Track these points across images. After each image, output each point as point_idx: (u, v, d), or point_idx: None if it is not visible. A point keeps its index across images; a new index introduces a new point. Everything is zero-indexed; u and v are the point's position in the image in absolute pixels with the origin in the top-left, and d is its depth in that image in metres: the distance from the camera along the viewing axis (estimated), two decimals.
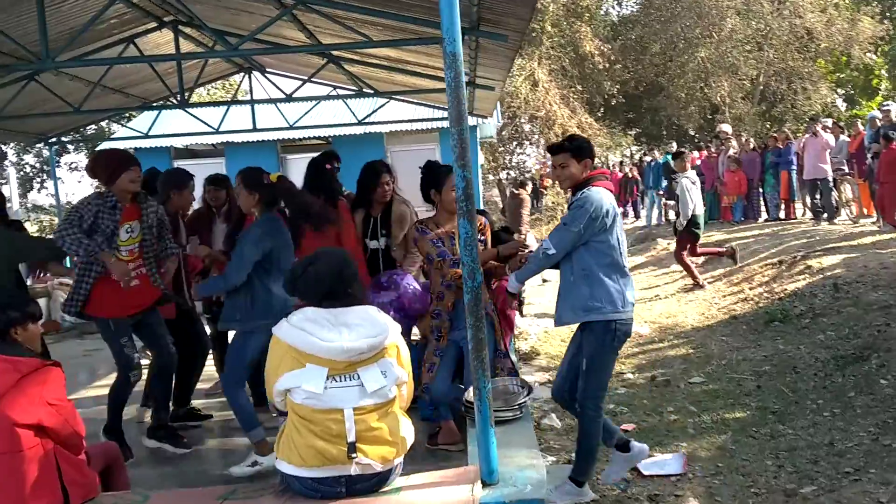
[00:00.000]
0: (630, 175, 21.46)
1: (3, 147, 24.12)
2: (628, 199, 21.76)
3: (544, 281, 14.17)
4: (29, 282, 9.16)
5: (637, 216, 21.11)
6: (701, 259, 11.45)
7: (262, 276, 4.20)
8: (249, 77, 10.87)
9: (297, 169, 12.34)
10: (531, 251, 4.58)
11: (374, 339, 2.84)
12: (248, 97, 11.34)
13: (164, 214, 4.99)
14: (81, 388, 7.05)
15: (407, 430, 3.00)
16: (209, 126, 11.44)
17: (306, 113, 11.88)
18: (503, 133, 29.24)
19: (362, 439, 2.81)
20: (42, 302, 9.82)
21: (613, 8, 31.18)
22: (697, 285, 10.90)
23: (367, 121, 11.87)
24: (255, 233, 4.21)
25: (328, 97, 10.87)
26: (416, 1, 5.30)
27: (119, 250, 4.54)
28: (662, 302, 10.72)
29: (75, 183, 32.39)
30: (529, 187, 13.51)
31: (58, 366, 3.05)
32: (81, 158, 25.85)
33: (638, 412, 6.18)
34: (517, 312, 6.54)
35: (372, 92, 9.90)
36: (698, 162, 18.07)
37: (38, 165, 23.61)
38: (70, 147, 24.14)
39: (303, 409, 2.81)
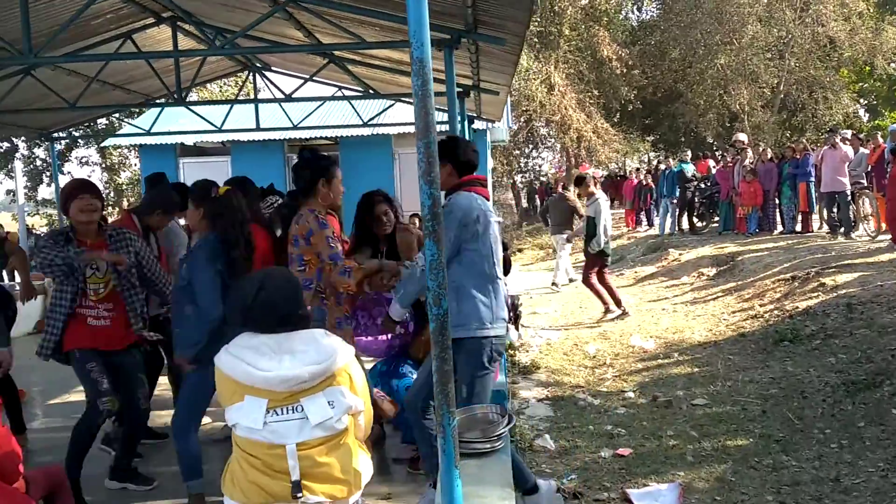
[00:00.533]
0: (644, 182, 21.10)
1: (15, 141, 24.16)
2: (642, 207, 21.41)
3: (571, 281, 13.88)
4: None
5: (650, 224, 20.75)
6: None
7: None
8: (254, 76, 10.68)
9: None
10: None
11: (318, 365, 2.58)
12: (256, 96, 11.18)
13: (145, 249, 4.65)
14: (64, 393, 6.89)
15: (363, 465, 2.75)
16: (213, 124, 11.27)
17: (311, 113, 11.68)
18: (518, 136, 29.00)
19: (308, 476, 2.56)
20: (39, 300, 9.66)
21: (633, 12, 30.88)
22: (608, 311, 10.39)
23: (373, 122, 11.64)
24: (201, 258, 3.93)
25: (332, 98, 10.65)
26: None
27: (88, 289, 4.32)
28: (670, 316, 10.41)
29: (85, 177, 32.44)
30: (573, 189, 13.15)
31: None
32: (92, 153, 25.89)
33: (636, 435, 5.90)
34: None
35: (375, 94, 9.67)
36: (714, 170, 17.74)
37: (48, 160, 23.62)
38: (80, 142, 24.12)
39: (244, 442, 2.58)
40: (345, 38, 6.37)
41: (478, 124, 12.71)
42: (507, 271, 5.58)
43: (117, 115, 17.44)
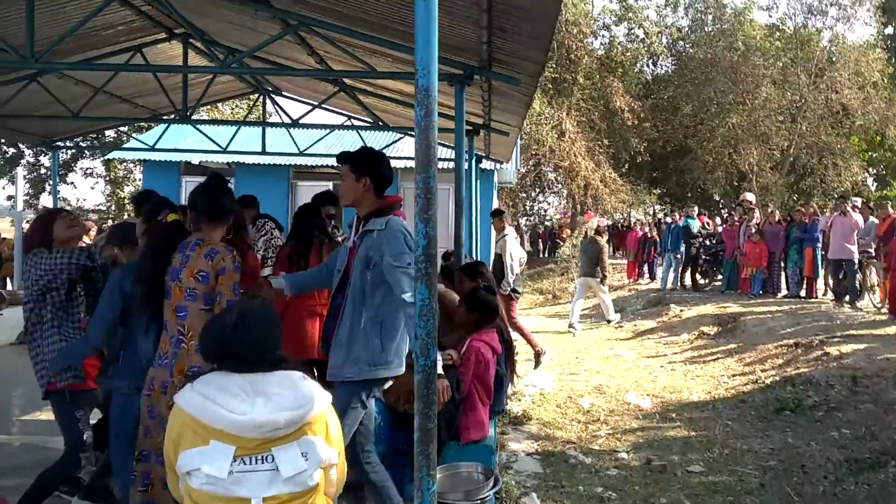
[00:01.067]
0: (649, 235, 20.93)
1: (22, 147, 24.09)
2: (645, 260, 21.21)
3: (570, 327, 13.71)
4: None
5: (652, 278, 20.54)
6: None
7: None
8: (264, 99, 10.58)
9: (306, 196, 12.00)
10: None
11: (295, 412, 2.32)
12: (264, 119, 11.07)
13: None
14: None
15: None
16: (218, 145, 11.14)
17: (318, 141, 11.55)
18: (525, 179, 28.97)
19: None
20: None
21: (648, 66, 30.99)
22: (539, 353, 10.15)
23: None
24: (111, 281, 3.77)
25: (340, 127, 10.53)
26: None
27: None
28: (668, 374, 10.14)
29: (88, 189, 32.47)
30: (606, 236, 13.80)
31: None
32: (97, 165, 25.83)
33: (627, 501, 5.61)
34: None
35: (384, 125, 9.55)
36: (719, 229, 17.58)
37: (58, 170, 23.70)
38: (87, 153, 24.04)
39: (201, 495, 2.28)
40: (356, 67, 6.23)
41: (486, 164, 12.60)
42: (490, 317, 5.25)
43: (125, 128, 17.47)
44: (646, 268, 21.27)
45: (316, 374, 5.51)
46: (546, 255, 35.55)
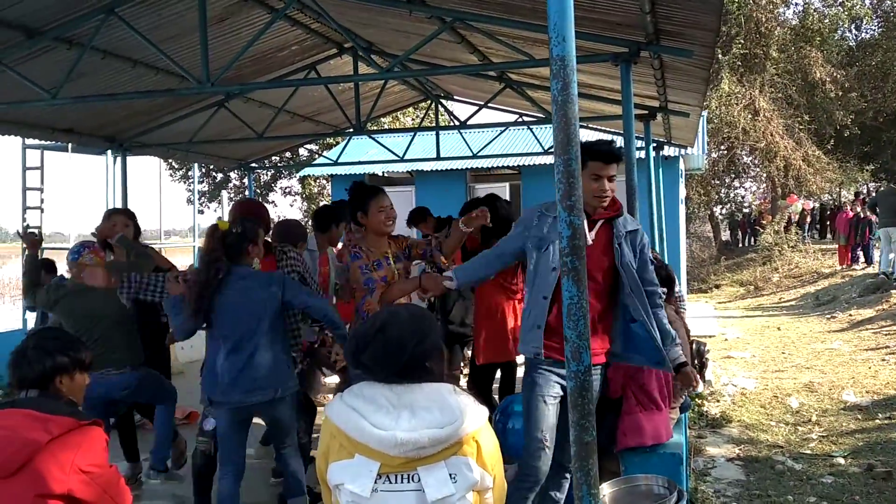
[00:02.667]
0: (862, 216, 18.95)
1: (228, 172, 26.10)
2: (859, 243, 19.21)
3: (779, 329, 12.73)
4: None
5: (868, 262, 18.58)
6: None
7: None
8: (436, 105, 10.62)
9: None
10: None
11: (441, 430, 2.10)
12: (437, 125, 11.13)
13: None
14: None
15: None
16: (396, 155, 11.35)
17: (490, 142, 11.45)
18: (717, 165, 27.39)
19: None
20: None
21: (850, 31, 28.24)
22: None
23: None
24: None
25: (512, 124, 10.36)
26: (583, 12, 4.62)
27: None
28: (891, 368, 9.03)
29: (287, 206, 34.79)
30: None
31: (98, 425, 2.65)
32: (294, 183, 27.47)
33: None
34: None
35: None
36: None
37: (257, 190, 25.41)
38: (284, 172, 25.61)
39: None
40: (517, 58, 6.02)
41: (668, 150, 11.92)
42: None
43: (315, 147, 18.37)
44: (860, 251, 19.28)
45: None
46: (746, 245, 33.43)
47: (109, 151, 9.49)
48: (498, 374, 5.53)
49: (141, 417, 5.98)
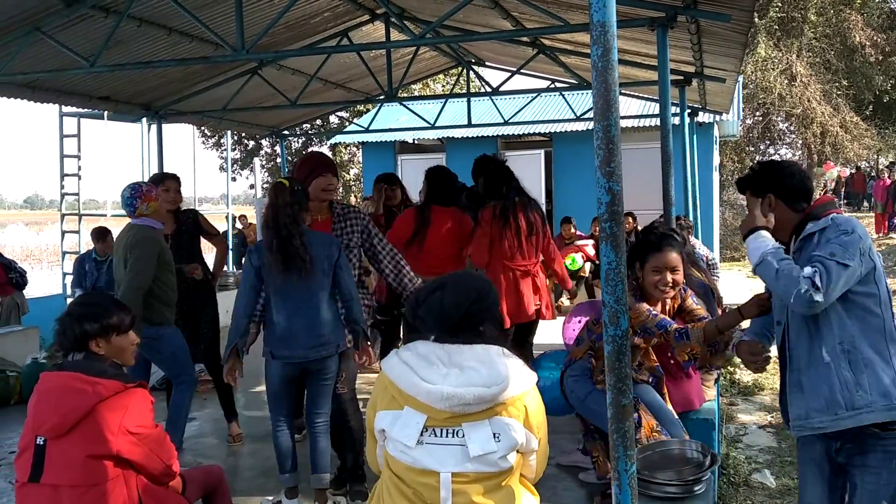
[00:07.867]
0: None
1: (260, 140, 26.20)
2: (895, 212, 18.88)
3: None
4: None
5: None
6: None
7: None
8: (467, 71, 10.57)
9: (515, 166, 11.91)
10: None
11: (487, 389, 2.17)
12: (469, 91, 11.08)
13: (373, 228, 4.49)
14: None
15: None
16: (427, 122, 11.33)
17: (522, 108, 11.36)
18: (752, 132, 26.96)
19: None
20: None
21: None
22: None
23: (586, 117, 11.08)
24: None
25: (544, 90, 10.28)
26: None
27: None
28: None
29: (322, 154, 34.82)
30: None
31: (143, 387, 2.74)
32: (325, 151, 27.50)
33: None
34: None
35: (588, 85, 9.15)
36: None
37: (289, 157, 25.53)
38: (315, 140, 25.64)
39: (397, 464, 2.25)
40: (551, 24, 5.96)
41: (703, 117, 11.76)
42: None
43: (345, 114, 18.37)
44: None
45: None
46: None
47: (145, 119, 9.59)
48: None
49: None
